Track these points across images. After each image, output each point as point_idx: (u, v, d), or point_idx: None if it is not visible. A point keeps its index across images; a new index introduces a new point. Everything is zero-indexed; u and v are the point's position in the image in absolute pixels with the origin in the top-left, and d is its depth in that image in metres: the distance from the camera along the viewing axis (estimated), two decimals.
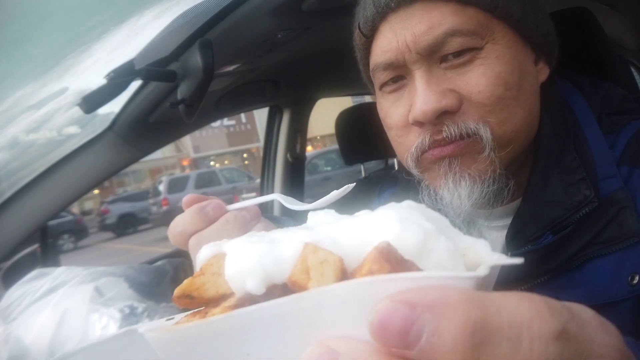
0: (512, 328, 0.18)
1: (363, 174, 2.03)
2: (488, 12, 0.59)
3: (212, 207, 0.53)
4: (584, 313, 0.21)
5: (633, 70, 1.54)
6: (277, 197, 0.53)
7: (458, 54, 0.59)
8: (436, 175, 0.64)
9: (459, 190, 0.61)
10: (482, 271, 0.21)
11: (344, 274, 0.22)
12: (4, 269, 1.32)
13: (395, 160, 2.28)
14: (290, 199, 0.52)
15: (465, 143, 0.60)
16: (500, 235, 0.69)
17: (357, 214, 0.28)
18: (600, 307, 0.58)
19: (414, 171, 0.67)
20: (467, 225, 0.68)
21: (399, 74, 0.64)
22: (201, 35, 1.01)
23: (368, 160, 2.02)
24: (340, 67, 1.76)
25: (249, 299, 0.24)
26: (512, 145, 0.62)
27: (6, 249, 1.22)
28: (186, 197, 0.55)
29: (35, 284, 0.93)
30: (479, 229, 0.71)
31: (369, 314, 0.18)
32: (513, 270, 0.62)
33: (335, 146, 2.06)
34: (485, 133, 0.59)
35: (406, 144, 0.65)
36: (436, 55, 0.60)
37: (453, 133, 0.59)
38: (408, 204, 0.28)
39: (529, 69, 0.63)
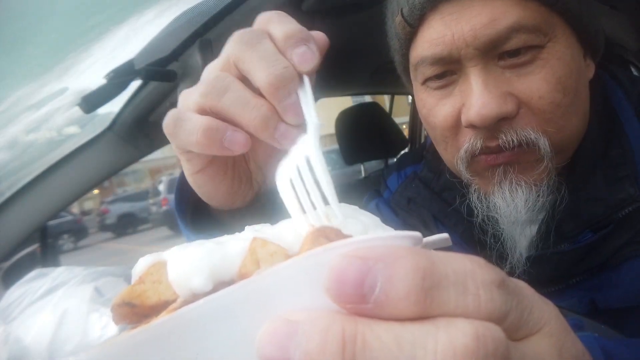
0: (458, 275, 0.19)
1: (363, 174, 2.03)
2: (548, 7, 0.55)
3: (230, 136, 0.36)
4: (520, 282, 0.22)
5: (633, 70, 1.54)
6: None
7: (518, 51, 0.54)
8: (489, 182, 0.60)
9: (516, 199, 0.58)
10: (419, 234, 0.22)
11: None
12: (4, 269, 1.32)
13: (395, 160, 2.28)
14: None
15: (522, 151, 0.56)
16: (529, 230, 0.65)
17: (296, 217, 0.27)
18: (638, 308, 0.57)
19: (465, 175, 0.62)
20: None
21: (448, 70, 0.58)
22: (201, 35, 1.01)
23: (368, 160, 2.03)
24: (340, 67, 1.77)
25: (194, 302, 0.22)
26: (567, 150, 0.59)
27: (6, 249, 1.22)
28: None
29: (35, 284, 0.93)
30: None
31: (323, 280, 0.19)
32: (546, 269, 0.61)
33: (335, 146, 2.07)
34: (544, 144, 0.55)
35: (454, 145, 0.61)
36: (494, 52, 0.55)
37: (511, 141, 0.55)
38: (342, 205, 0.28)
39: (583, 69, 0.60)
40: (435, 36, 0.56)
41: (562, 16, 0.56)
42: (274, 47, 0.35)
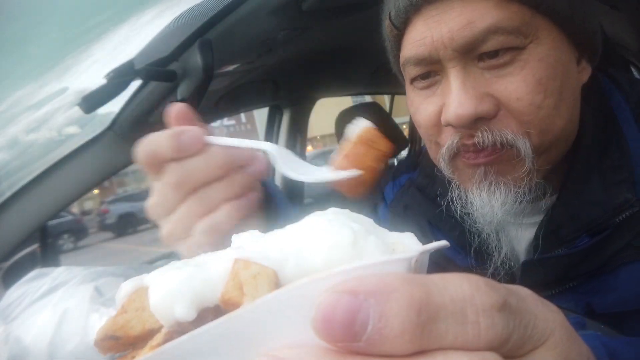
0: (456, 304, 0.18)
1: None
2: (533, 8, 0.54)
3: (188, 136, 0.43)
4: (522, 291, 0.21)
5: (633, 70, 1.54)
6: (271, 148, 0.42)
7: (497, 52, 0.55)
8: (468, 180, 0.61)
9: (492, 200, 0.58)
10: (414, 252, 0.21)
11: (279, 288, 0.21)
12: (4, 269, 1.32)
13: (395, 160, 2.28)
14: (289, 155, 0.43)
15: (503, 153, 0.56)
16: (528, 233, 0.66)
17: (286, 227, 0.26)
18: (634, 313, 0.57)
19: (446, 172, 0.64)
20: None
21: (432, 70, 0.60)
22: (201, 35, 1.01)
23: None
24: (340, 67, 1.77)
25: (179, 330, 0.22)
26: (550, 153, 0.58)
27: (6, 249, 1.22)
28: (174, 107, 0.45)
29: (35, 284, 0.92)
30: (504, 226, 0.68)
31: (310, 313, 0.18)
32: (543, 273, 0.61)
33: (335, 146, 2.06)
34: (524, 145, 0.55)
35: (438, 141, 0.62)
36: (474, 53, 0.56)
37: (487, 140, 0.56)
38: (333, 210, 0.27)
39: (571, 72, 0.59)
40: (418, 38, 0.58)
41: (549, 18, 0.56)
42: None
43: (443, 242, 0.26)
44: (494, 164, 0.58)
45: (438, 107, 0.59)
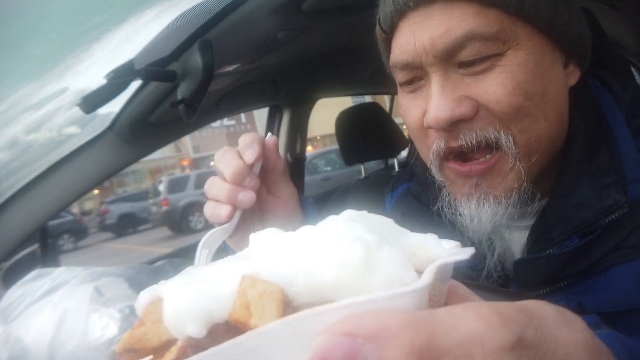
0: (462, 347, 0.17)
1: (363, 174, 2.03)
2: (512, 15, 0.55)
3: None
4: (544, 311, 0.20)
5: (633, 70, 1.54)
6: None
7: (477, 60, 0.56)
8: (458, 190, 0.62)
9: (481, 213, 0.59)
10: (424, 281, 0.20)
11: (286, 305, 0.22)
12: (4, 269, 1.32)
13: (395, 160, 2.28)
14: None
15: (493, 160, 0.58)
16: (522, 236, 0.67)
17: (299, 229, 0.26)
18: (624, 313, 0.57)
19: (437, 176, 0.65)
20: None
21: (417, 75, 0.62)
22: (201, 35, 1.01)
23: (368, 160, 2.02)
24: (340, 67, 1.77)
25: (193, 344, 0.23)
26: (537, 154, 0.59)
27: (6, 249, 1.22)
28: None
29: (35, 284, 0.92)
30: (498, 229, 0.69)
31: (308, 351, 0.18)
32: (535, 273, 0.62)
33: (335, 146, 2.07)
34: (507, 142, 0.56)
35: (426, 144, 0.64)
36: (454, 60, 0.57)
37: (470, 141, 0.57)
38: (348, 215, 0.27)
39: (556, 75, 0.60)
40: (403, 43, 0.60)
41: (530, 23, 0.57)
42: (233, 154, 0.62)
43: (465, 255, 0.24)
44: (486, 175, 0.59)
45: (422, 110, 0.61)
